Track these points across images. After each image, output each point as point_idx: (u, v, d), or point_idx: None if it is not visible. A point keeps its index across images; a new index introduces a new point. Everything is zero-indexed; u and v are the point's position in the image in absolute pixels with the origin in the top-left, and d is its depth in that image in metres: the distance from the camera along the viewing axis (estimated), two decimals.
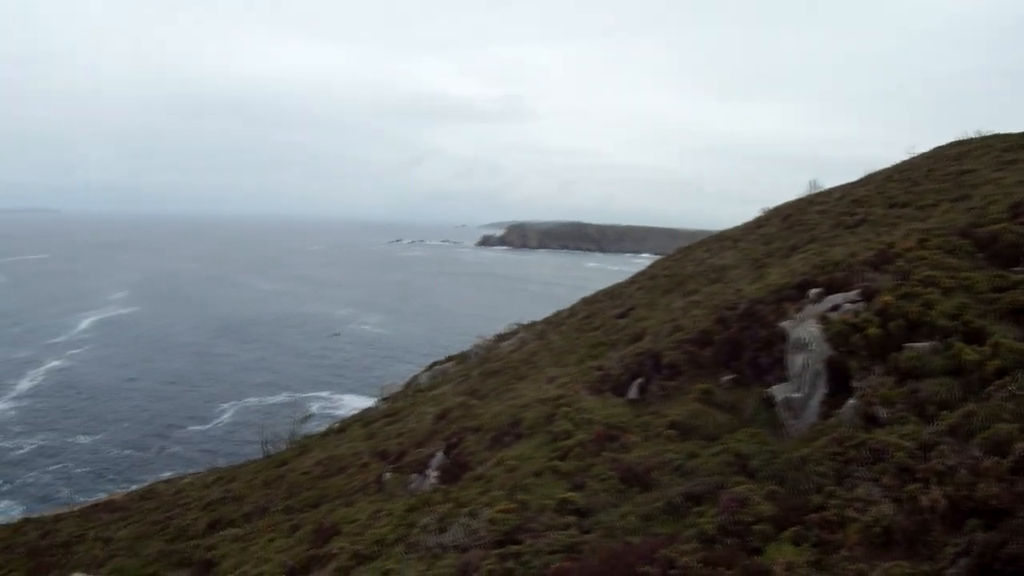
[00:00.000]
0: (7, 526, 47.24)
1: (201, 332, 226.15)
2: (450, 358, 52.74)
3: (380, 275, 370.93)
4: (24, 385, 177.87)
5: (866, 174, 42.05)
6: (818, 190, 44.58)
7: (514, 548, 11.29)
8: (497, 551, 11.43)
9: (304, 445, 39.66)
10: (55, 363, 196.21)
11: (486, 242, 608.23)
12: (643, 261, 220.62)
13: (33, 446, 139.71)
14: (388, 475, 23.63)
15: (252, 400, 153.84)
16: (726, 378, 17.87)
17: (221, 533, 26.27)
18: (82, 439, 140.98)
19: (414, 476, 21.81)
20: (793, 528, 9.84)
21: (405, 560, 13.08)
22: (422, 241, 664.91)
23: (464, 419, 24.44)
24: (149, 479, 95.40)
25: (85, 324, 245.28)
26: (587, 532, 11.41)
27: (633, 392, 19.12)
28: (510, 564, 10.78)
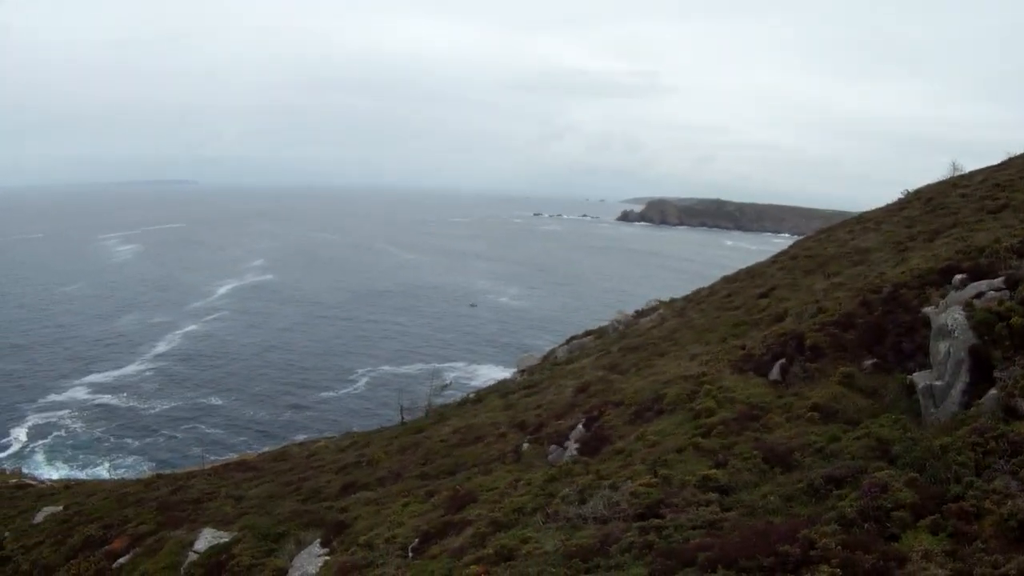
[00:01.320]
0: (139, 481, 48.44)
1: (338, 300, 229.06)
2: (588, 332, 52.73)
3: (519, 248, 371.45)
4: (160, 348, 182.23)
5: (1008, 157, 41.08)
6: (959, 173, 43.69)
7: (655, 522, 11.32)
8: (638, 524, 11.48)
9: (441, 414, 39.89)
10: (191, 327, 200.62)
11: (626, 217, 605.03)
12: (782, 241, 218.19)
13: (167, 406, 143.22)
14: (526, 445, 23.78)
15: (387, 368, 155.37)
16: (868, 362, 17.63)
17: (354, 496, 26.51)
18: (215, 401, 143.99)
19: (553, 447, 21.91)
20: (931, 517, 9.73)
21: (544, 529, 13.16)
22: (561, 215, 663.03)
23: (604, 393, 24.43)
24: (282, 441, 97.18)
25: (222, 291, 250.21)
26: (728, 510, 11.38)
27: (775, 373, 19.02)
28: (651, 537, 10.84)
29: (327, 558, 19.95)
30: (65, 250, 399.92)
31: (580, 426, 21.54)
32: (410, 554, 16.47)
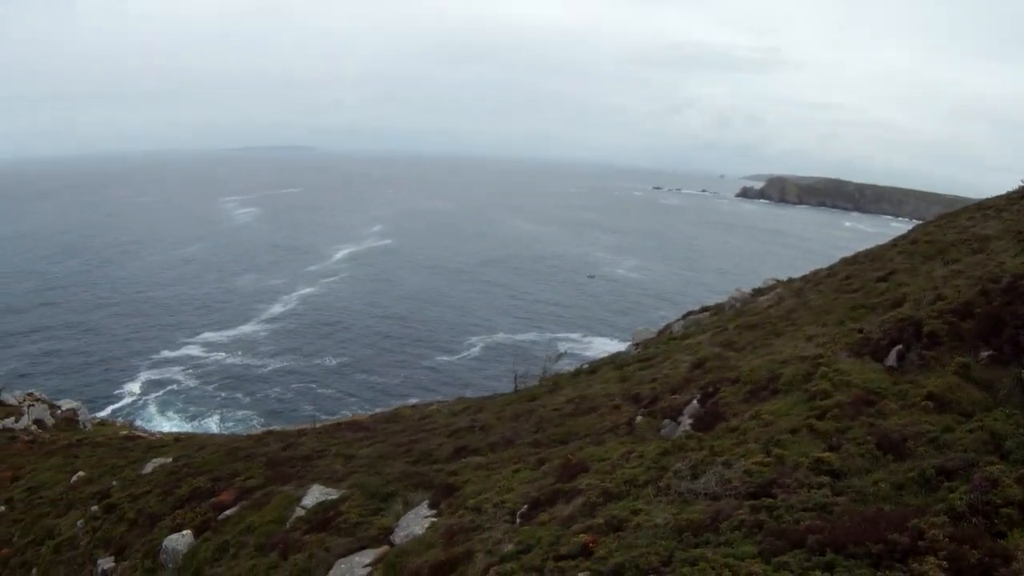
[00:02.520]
0: (249, 436, 49.49)
1: (455, 267, 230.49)
2: (705, 308, 52.66)
3: (638, 221, 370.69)
4: (276, 309, 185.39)
5: None
6: None
7: (767, 501, 11.40)
8: (750, 502, 11.56)
9: (555, 383, 40.07)
10: (308, 290, 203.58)
11: (745, 194, 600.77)
12: (900, 225, 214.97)
13: (280, 365, 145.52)
14: (640, 418, 23.89)
15: (502, 336, 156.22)
16: (984, 354, 17.38)
17: (465, 460, 26.72)
18: (329, 362, 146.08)
19: (666, 422, 22.00)
20: None
21: (655, 502, 13.25)
22: (680, 190, 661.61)
23: (720, 370, 24.44)
24: (394, 403, 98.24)
25: (340, 255, 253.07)
26: (839, 494, 11.37)
27: (891, 359, 18.88)
28: (762, 516, 10.93)
29: (434, 520, 20.18)
30: (185, 213, 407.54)
31: (695, 401, 21.60)
32: (518, 520, 16.66)
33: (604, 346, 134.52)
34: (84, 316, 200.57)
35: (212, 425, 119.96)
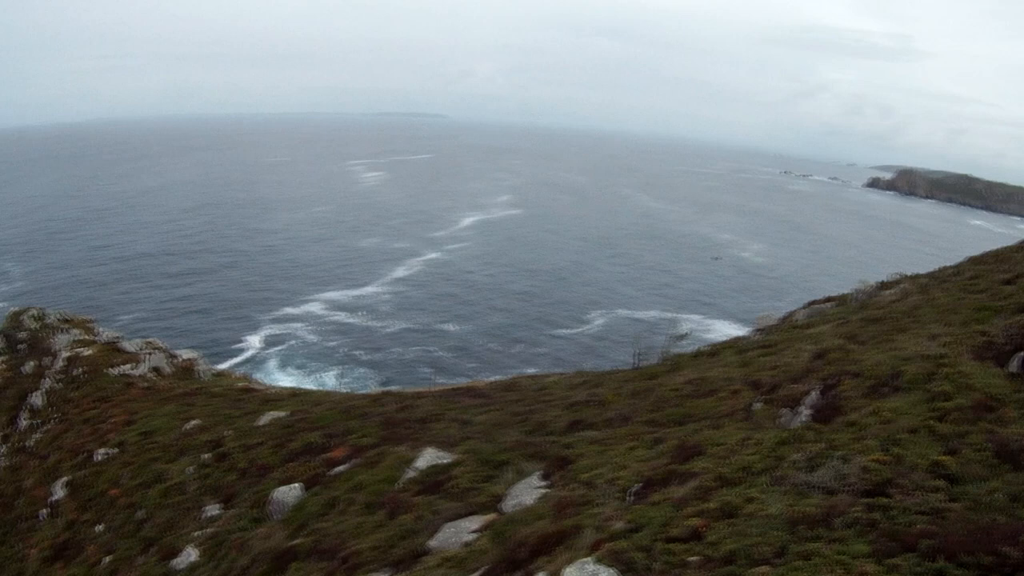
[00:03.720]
0: (366, 396, 49.91)
1: (581, 240, 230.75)
2: (829, 299, 51.99)
3: (766, 205, 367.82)
4: (400, 272, 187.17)
5: None
6: None
7: (882, 501, 11.30)
8: (864, 500, 11.47)
9: (675, 363, 39.86)
10: (432, 255, 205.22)
11: (874, 184, 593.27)
12: None
13: (400, 327, 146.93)
14: (758, 405, 23.72)
15: (623, 312, 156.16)
16: None
17: (580, 434, 26.74)
18: (450, 327, 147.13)
19: (784, 411, 21.83)
20: None
21: (769, 491, 13.20)
22: (808, 176, 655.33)
23: (841, 362, 24.14)
24: (512, 372, 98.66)
25: (466, 222, 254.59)
26: (954, 500, 11.21)
27: (1014, 365, 18.51)
28: (876, 515, 10.85)
29: (545, 491, 20.28)
30: (314, 175, 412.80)
31: (815, 392, 21.38)
32: (630, 498, 16.70)
33: (725, 329, 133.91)
34: (211, 269, 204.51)
35: (330, 382, 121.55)
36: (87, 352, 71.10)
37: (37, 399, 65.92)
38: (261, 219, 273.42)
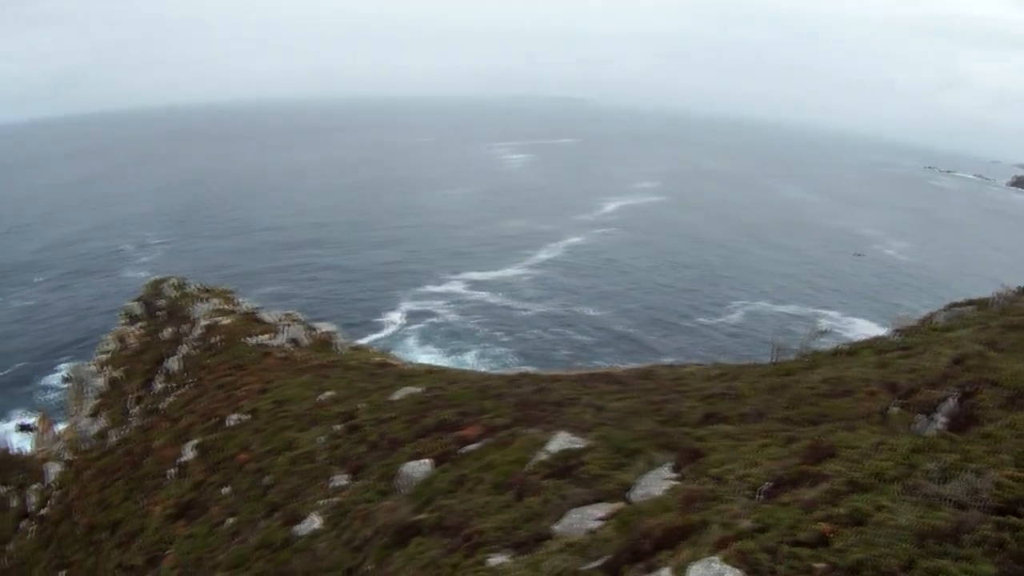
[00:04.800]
0: (502, 376, 50.13)
1: (723, 229, 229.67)
2: (970, 302, 50.89)
3: (909, 200, 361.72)
4: (542, 255, 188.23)
5: None
6: None
7: (1012, 520, 10.99)
8: (995, 518, 11.17)
9: (813, 360, 39.28)
10: (575, 239, 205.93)
11: (1018, 183, 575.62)
12: None
13: (541, 310, 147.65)
14: (894, 409, 23.24)
15: (762, 304, 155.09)
16: None
17: (713, 427, 26.42)
18: (589, 311, 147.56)
19: (920, 416, 21.34)
20: None
21: (899, 500, 12.91)
22: (952, 172, 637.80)
23: (980, 370, 23.53)
24: (649, 360, 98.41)
25: (610, 207, 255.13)
26: None
27: None
28: (1005, 535, 10.55)
29: (675, 483, 20.19)
30: (458, 156, 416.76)
31: (952, 400, 20.88)
32: (759, 496, 16.53)
33: (863, 328, 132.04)
34: (355, 245, 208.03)
35: (468, 360, 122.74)
36: (225, 321, 72.67)
37: (173, 364, 67.64)
38: (406, 198, 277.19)
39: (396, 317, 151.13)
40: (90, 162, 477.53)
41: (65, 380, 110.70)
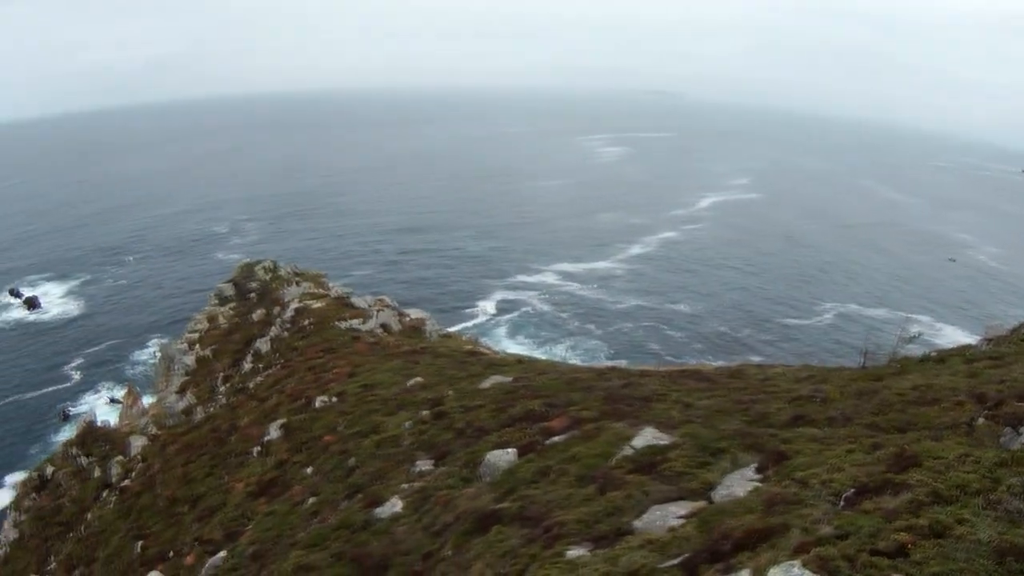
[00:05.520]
0: (591, 369, 50.43)
1: (816, 229, 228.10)
2: None
3: (1005, 205, 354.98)
4: (635, 249, 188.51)
5: None
6: None
7: None
8: None
9: (902, 366, 38.92)
10: (669, 234, 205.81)
11: None
12: None
13: (632, 304, 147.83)
14: (980, 420, 23.01)
15: (852, 307, 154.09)
16: None
17: (800, 430, 26.23)
18: (680, 308, 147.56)
19: (1007, 430, 21.07)
20: None
21: (981, 515, 12.83)
22: None
23: None
24: (737, 358, 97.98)
25: (704, 203, 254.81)
26: None
27: None
28: None
29: (758, 484, 20.16)
30: (553, 147, 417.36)
31: None
32: (841, 502, 16.47)
33: (953, 335, 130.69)
34: (450, 233, 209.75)
35: (559, 352, 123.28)
36: (316, 305, 73.66)
37: (263, 345, 68.70)
38: (502, 188, 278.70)
39: (488, 306, 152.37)
40: (186, 148, 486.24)
41: (154, 357, 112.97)
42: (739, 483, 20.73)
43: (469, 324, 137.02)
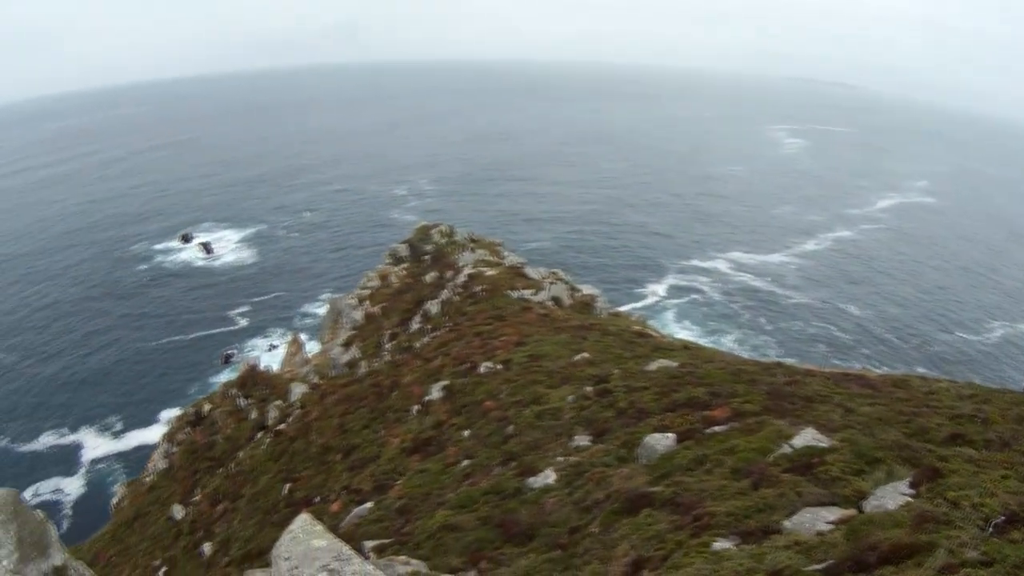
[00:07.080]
0: (757, 363, 50.19)
1: (995, 240, 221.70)
2: None
3: None
4: (809, 246, 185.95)
5: None
6: None
7: None
8: None
9: None
10: (844, 232, 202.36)
11: None
12: None
13: (804, 300, 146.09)
14: None
15: (1023, 327, 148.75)
16: None
17: (957, 449, 25.93)
18: (852, 308, 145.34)
19: None
20: None
21: None
22: None
23: None
24: (902, 367, 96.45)
25: (883, 204, 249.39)
26: None
27: None
28: None
29: (910, 500, 19.95)
30: (733, 133, 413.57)
31: None
32: (990, 528, 16.34)
33: None
34: (627, 212, 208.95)
35: (727, 343, 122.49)
36: (489, 272, 74.47)
37: (433, 307, 69.89)
38: (685, 171, 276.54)
39: (660, 289, 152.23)
40: (373, 110, 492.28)
41: (322, 309, 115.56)
42: (891, 496, 20.63)
43: (638, 304, 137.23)
